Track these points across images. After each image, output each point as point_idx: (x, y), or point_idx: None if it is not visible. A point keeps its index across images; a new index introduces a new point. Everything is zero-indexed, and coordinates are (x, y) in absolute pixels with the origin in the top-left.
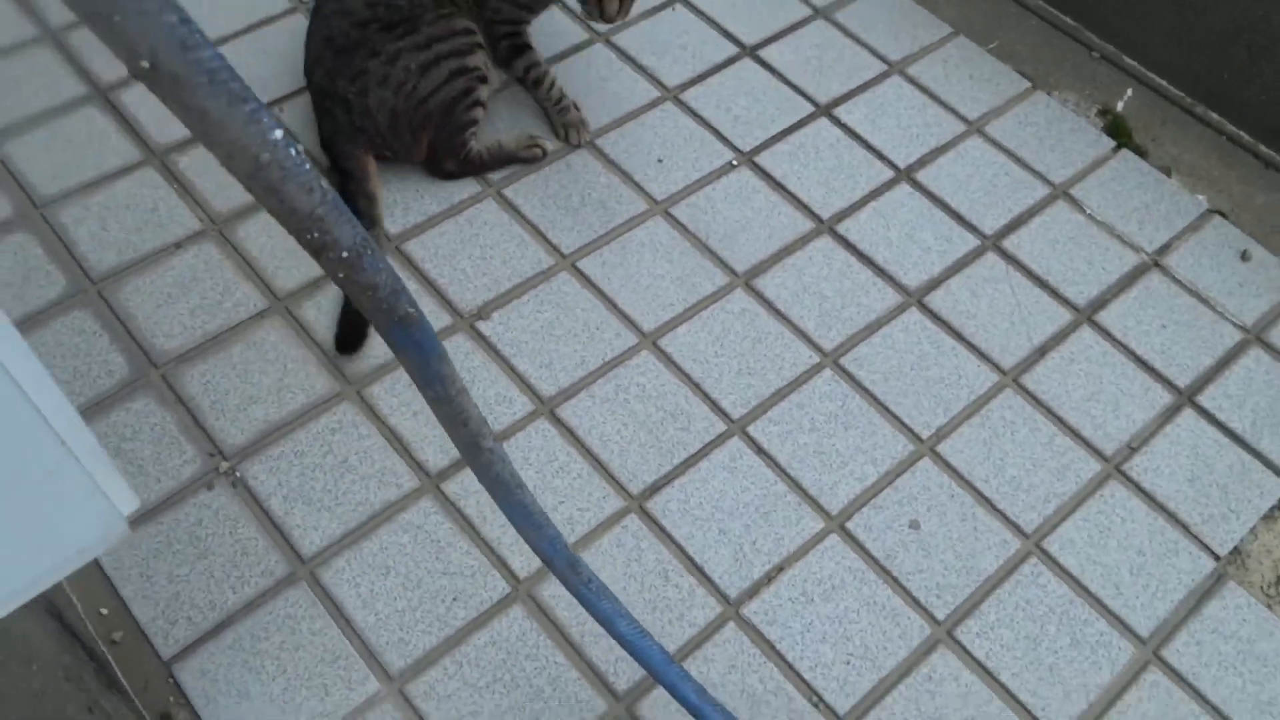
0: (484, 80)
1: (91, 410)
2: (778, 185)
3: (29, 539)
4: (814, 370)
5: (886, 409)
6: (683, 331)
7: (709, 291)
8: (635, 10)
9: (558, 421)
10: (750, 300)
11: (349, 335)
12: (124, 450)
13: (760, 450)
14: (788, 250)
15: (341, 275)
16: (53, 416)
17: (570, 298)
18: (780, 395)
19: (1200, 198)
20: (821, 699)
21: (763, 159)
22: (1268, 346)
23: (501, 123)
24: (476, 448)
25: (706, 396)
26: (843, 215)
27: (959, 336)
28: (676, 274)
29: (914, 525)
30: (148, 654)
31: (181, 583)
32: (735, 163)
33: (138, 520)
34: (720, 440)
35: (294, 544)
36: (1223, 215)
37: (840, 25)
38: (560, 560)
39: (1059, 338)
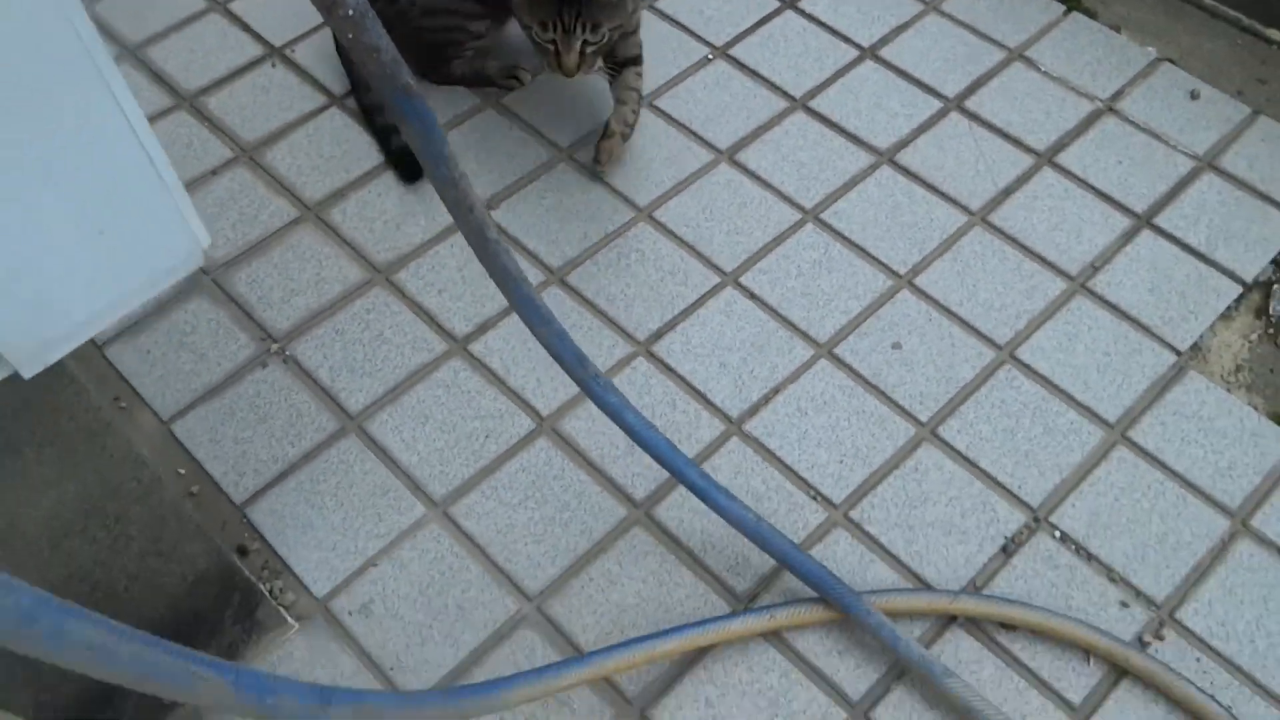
0: (479, 37)
1: (154, 311)
2: (752, 72)
3: (134, 255)
4: (797, 226)
5: (865, 252)
6: (674, 203)
7: (695, 169)
8: None
9: (567, 286)
10: (734, 173)
11: (408, 164)
12: (186, 342)
13: (752, 296)
14: (765, 128)
15: (350, 36)
16: (154, 155)
17: (570, 184)
18: (767, 249)
19: (1150, 49)
20: (819, 492)
21: (736, 51)
22: (1219, 171)
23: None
24: (483, 236)
25: (700, 255)
26: (814, 93)
27: (929, 186)
28: (665, 155)
29: (896, 346)
30: (223, 502)
31: (246, 443)
32: (711, 56)
33: (204, 396)
34: (715, 290)
35: (342, 404)
36: (1171, 62)
37: None
38: (568, 354)
39: (1022, 180)
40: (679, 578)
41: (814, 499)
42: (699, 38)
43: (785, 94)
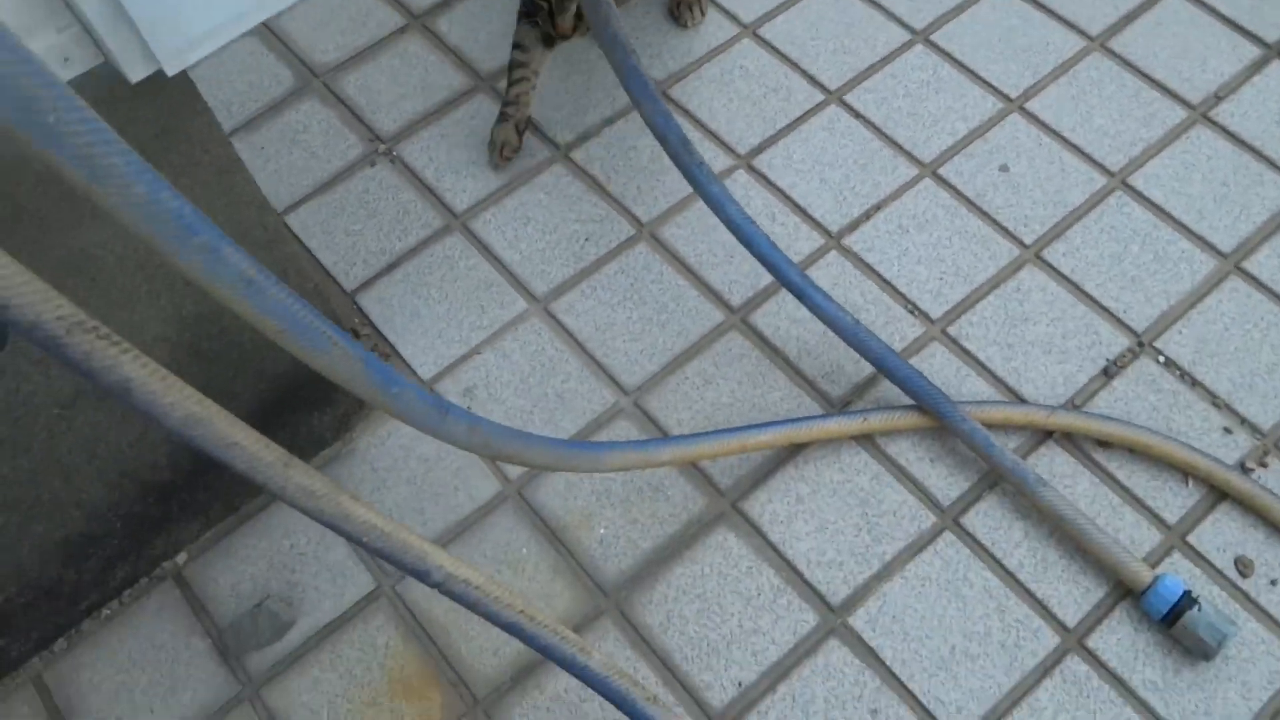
0: None
1: (267, 113)
2: None
3: None
4: (905, 46)
5: (975, 75)
6: (780, 21)
7: None
8: None
9: (668, 99)
10: None
11: None
12: (298, 141)
13: (857, 115)
14: None
15: None
16: None
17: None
18: (874, 69)
19: None
20: (916, 307)
21: None
22: None
23: None
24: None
25: (805, 72)
26: None
27: (1046, 10)
28: None
29: (1003, 169)
30: (335, 289)
31: (356, 236)
32: None
33: (316, 191)
34: (819, 108)
35: (447, 203)
36: None
37: None
38: (674, 136)
39: (1146, 6)
40: (773, 381)
41: (911, 313)
42: None
43: None
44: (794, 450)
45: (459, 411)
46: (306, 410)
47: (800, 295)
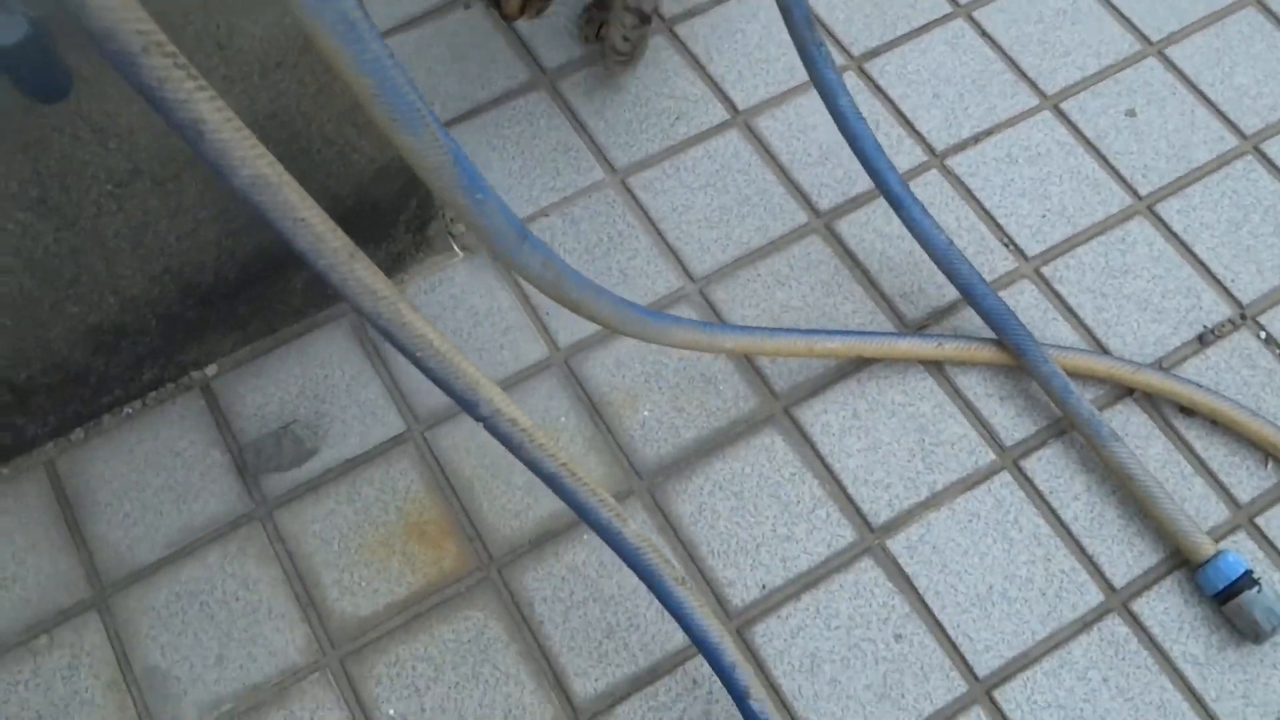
0: None
1: None
2: None
3: None
4: None
5: (1117, 10)
6: None
7: None
8: None
9: None
10: None
11: None
12: None
13: (984, 33)
14: None
15: None
16: None
17: None
18: None
19: None
20: (1013, 241)
21: None
22: None
23: None
24: None
25: None
26: None
27: None
28: None
29: (1130, 114)
30: None
31: (439, 77)
32: None
33: (405, 24)
34: (945, 19)
35: (537, 59)
36: None
37: None
38: (799, 12)
39: None
40: (848, 292)
41: (1006, 246)
42: None
43: None
44: (858, 365)
45: (537, 242)
46: (361, 241)
47: (897, 205)
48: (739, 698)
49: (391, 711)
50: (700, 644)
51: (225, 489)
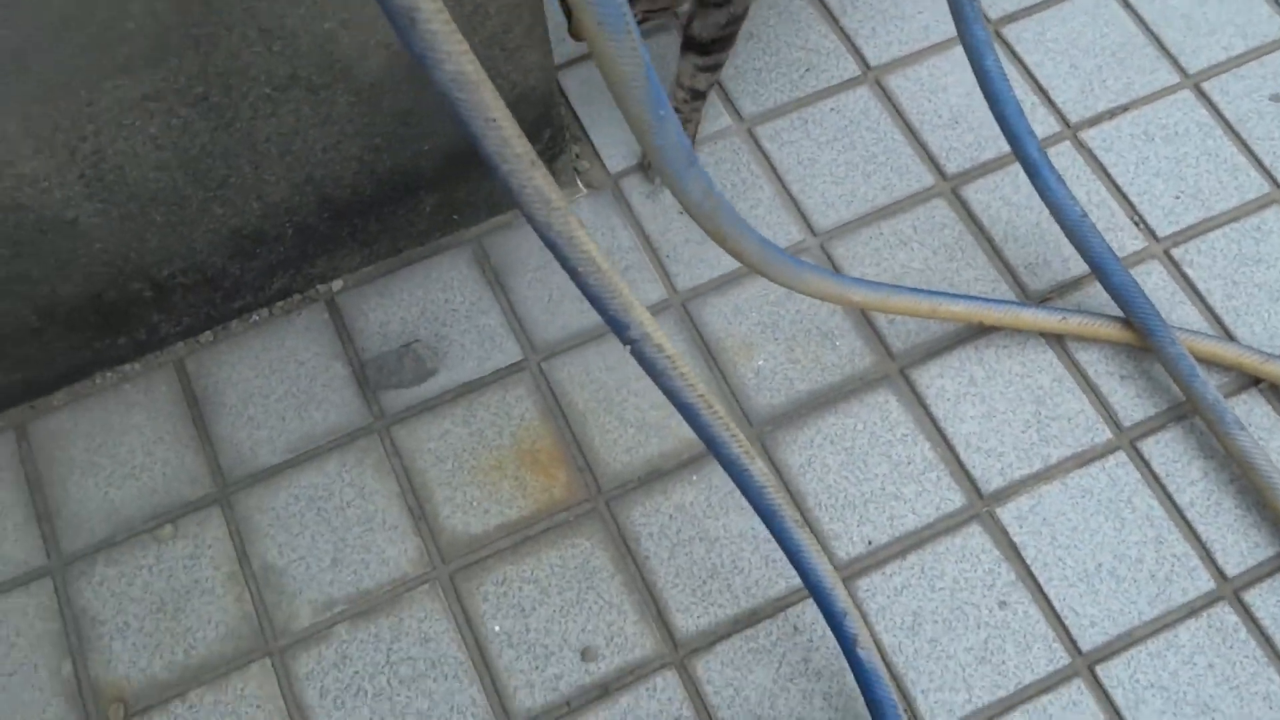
0: None
1: None
2: None
3: None
4: None
5: None
6: None
7: None
8: None
9: None
10: None
11: None
12: None
13: (1126, 4)
14: None
15: None
16: None
17: None
18: None
19: None
20: (1144, 220)
21: None
22: None
23: None
24: None
25: None
26: None
27: None
28: None
29: (1276, 98)
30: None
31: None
32: None
33: None
34: None
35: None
36: None
37: None
38: None
39: None
40: (971, 258)
41: (1136, 224)
42: None
43: None
44: (977, 332)
45: (702, 170)
46: (480, 177)
47: (1033, 172)
48: (847, 645)
49: (497, 628)
50: (813, 588)
51: (346, 401)
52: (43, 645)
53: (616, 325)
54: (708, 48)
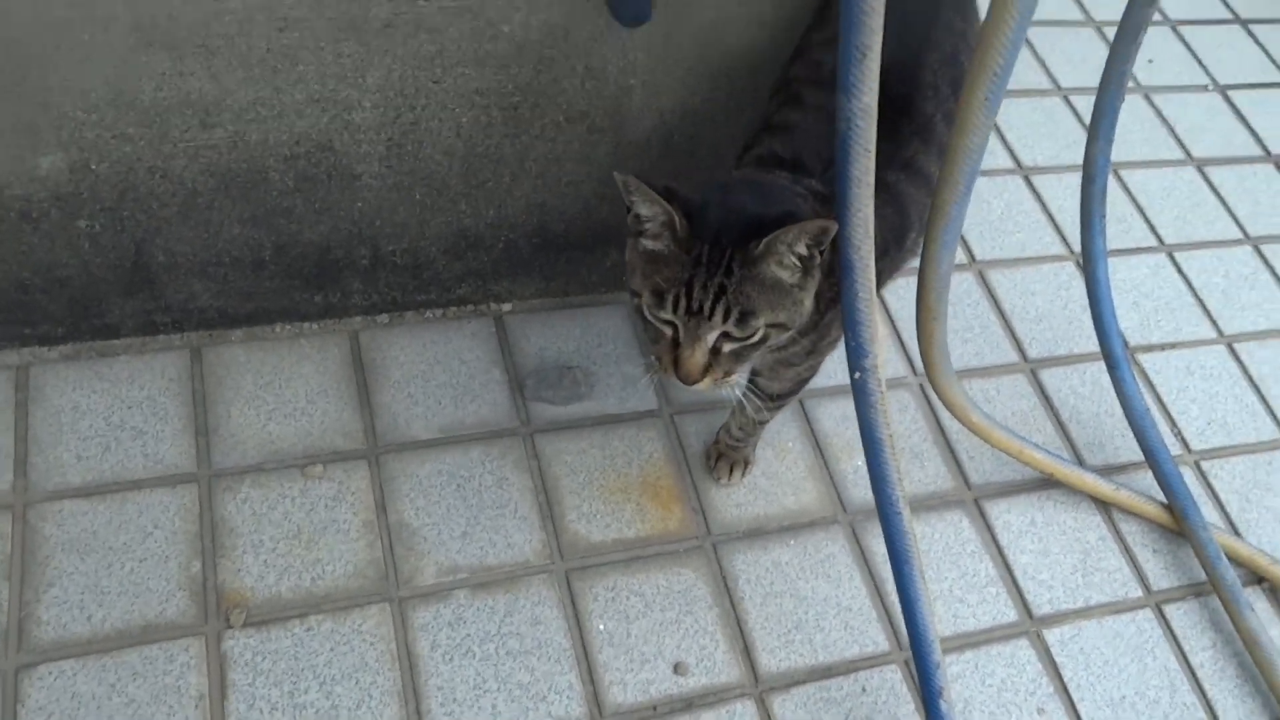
0: None
1: None
2: None
3: None
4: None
5: None
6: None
7: None
8: None
9: None
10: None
11: None
12: None
13: (1179, 270)
14: None
15: None
16: None
17: None
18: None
19: None
20: (1181, 433)
21: None
22: None
23: None
24: None
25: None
26: None
27: None
28: None
29: None
30: None
31: None
32: None
33: None
34: (1151, 250)
35: None
36: None
37: None
38: (1099, 183)
39: None
40: (1040, 427)
41: (1175, 435)
42: None
43: None
44: (1041, 484)
45: None
46: None
47: (1114, 364)
48: (931, 695)
49: (602, 627)
50: (918, 634)
51: (498, 402)
52: (177, 541)
53: (857, 351)
54: (774, 398)
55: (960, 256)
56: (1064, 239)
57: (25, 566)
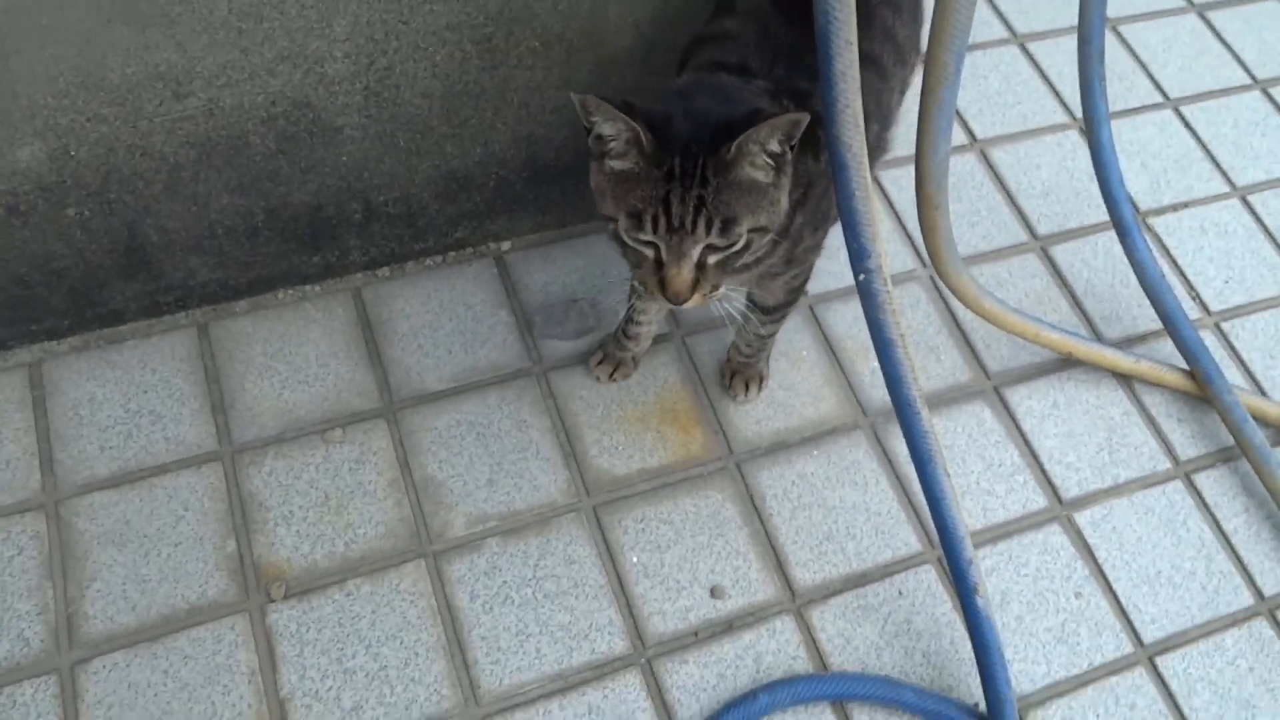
0: None
1: None
2: None
3: None
4: (1244, 88)
5: None
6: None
7: None
8: None
9: None
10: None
11: None
12: None
13: (1186, 124)
14: None
15: None
16: None
17: None
18: (1213, 94)
19: None
20: (1198, 294)
21: None
22: None
23: None
24: None
25: (1152, 77)
26: None
27: None
28: None
29: None
30: None
31: None
32: None
33: None
34: (1156, 106)
35: None
36: None
37: None
38: (1096, 46)
39: None
40: (1055, 305)
41: (1193, 298)
42: None
43: None
44: (1060, 365)
45: None
46: None
47: (1125, 232)
48: (966, 591)
49: (635, 559)
50: (946, 533)
51: (508, 344)
52: (209, 522)
53: (859, 251)
54: (770, 310)
55: (960, 137)
56: (1065, 106)
57: (66, 564)
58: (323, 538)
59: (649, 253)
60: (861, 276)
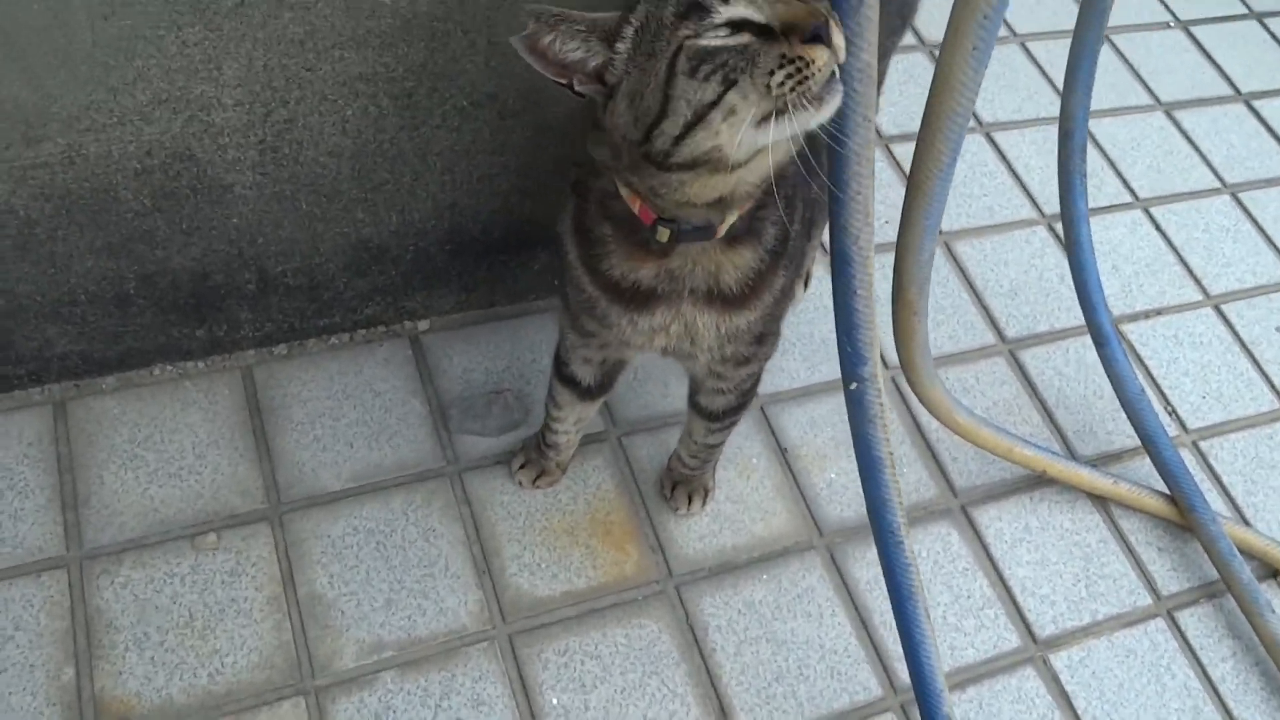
0: None
1: None
2: None
3: None
4: (1213, 193)
5: (1273, 244)
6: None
7: None
8: None
9: None
10: (1167, 122)
11: None
12: None
13: (1157, 227)
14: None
15: None
16: None
17: None
18: (1181, 198)
19: None
20: (1175, 410)
21: None
22: None
23: None
24: None
25: (1121, 176)
26: None
27: None
28: None
29: None
30: None
31: None
32: None
33: None
34: (1126, 206)
35: None
36: None
37: None
38: (1079, 141)
39: None
40: (1026, 416)
41: (1169, 414)
42: None
43: None
44: (1031, 482)
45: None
46: None
47: (1102, 341)
48: None
49: (555, 700)
50: (923, 684)
51: (419, 439)
52: (44, 644)
53: (853, 358)
54: (719, 416)
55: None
56: (1033, 201)
57: None
58: (182, 666)
59: (745, 39)
60: (854, 385)
